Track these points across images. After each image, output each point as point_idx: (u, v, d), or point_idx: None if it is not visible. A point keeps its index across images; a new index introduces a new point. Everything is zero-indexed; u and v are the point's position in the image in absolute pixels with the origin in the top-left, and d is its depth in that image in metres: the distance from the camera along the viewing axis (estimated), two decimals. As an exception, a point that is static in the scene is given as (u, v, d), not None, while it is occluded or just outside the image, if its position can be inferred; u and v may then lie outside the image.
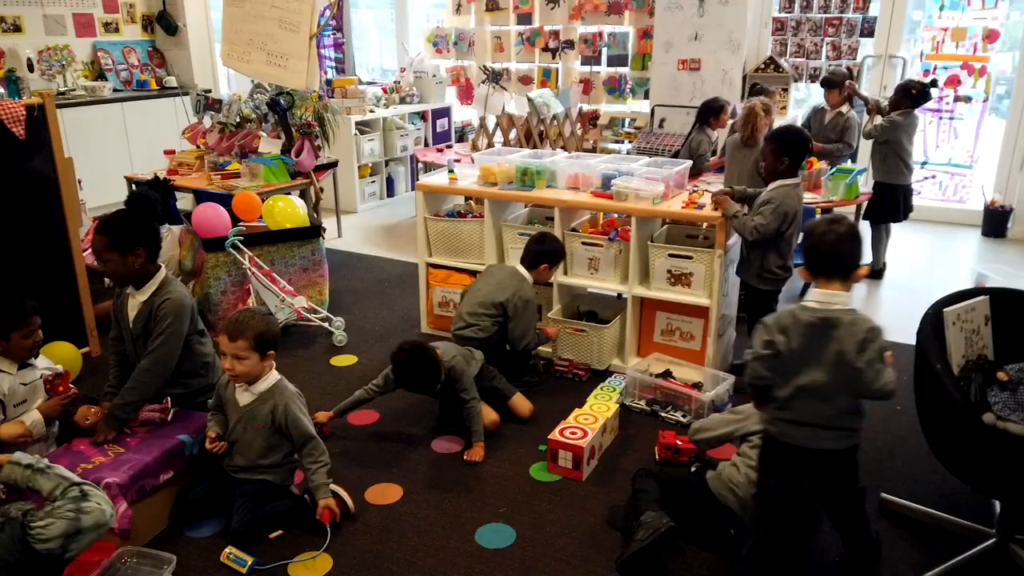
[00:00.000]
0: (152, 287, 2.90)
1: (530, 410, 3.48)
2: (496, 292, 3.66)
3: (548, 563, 2.59)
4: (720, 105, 5.46)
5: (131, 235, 2.81)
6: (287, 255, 4.52)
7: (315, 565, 2.58)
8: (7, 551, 1.79)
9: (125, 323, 2.96)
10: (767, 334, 2.24)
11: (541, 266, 3.73)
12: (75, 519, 1.88)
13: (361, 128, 7.15)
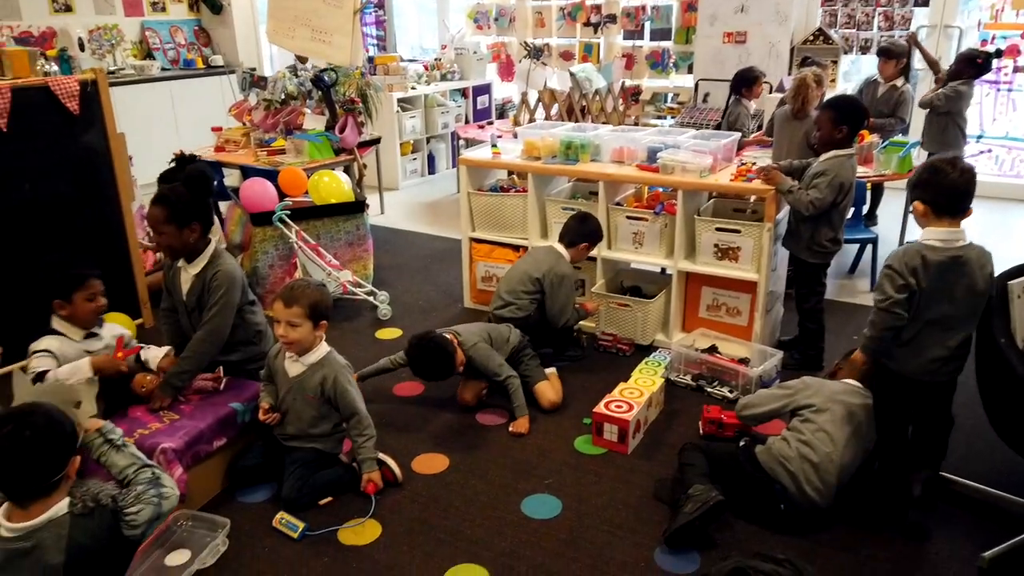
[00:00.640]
0: (204, 260, 2.96)
1: (552, 403, 3.36)
2: (532, 269, 3.66)
3: (595, 534, 2.59)
4: (755, 75, 5.35)
5: (189, 209, 2.87)
6: (332, 230, 4.56)
7: (364, 531, 2.62)
8: (93, 538, 1.81)
9: (178, 295, 3.02)
10: (899, 279, 2.45)
11: (581, 245, 3.70)
12: (158, 504, 1.91)
13: (403, 105, 7.16)
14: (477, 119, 7.74)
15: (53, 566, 1.73)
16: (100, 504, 1.82)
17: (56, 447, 1.77)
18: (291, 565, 2.47)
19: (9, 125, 3.44)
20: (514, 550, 2.52)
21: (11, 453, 1.71)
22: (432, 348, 3.17)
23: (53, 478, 1.77)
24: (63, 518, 1.77)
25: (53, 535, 1.75)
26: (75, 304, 2.78)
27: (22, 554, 1.74)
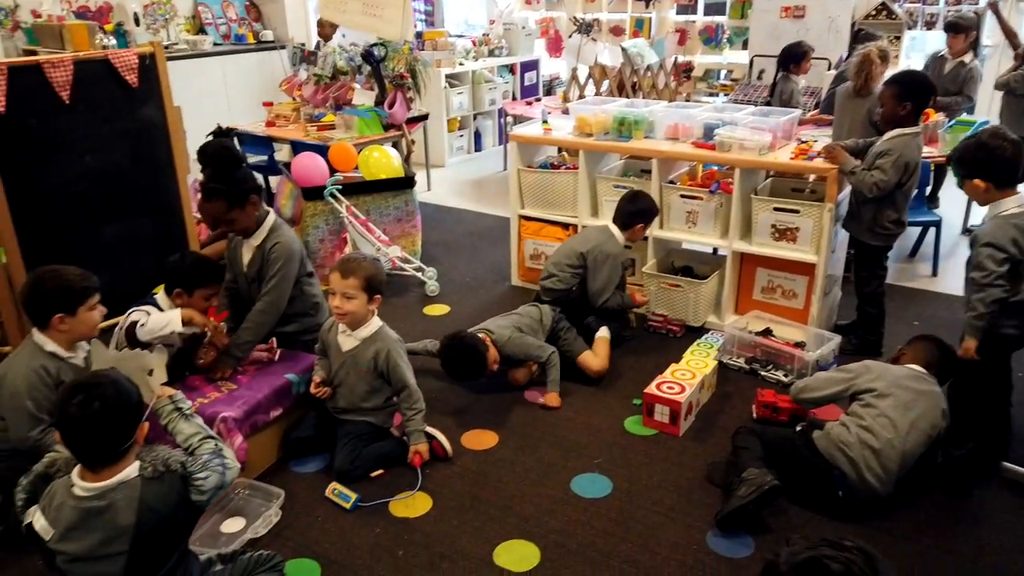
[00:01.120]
0: (264, 232, 3.00)
1: (597, 372, 3.37)
2: (580, 245, 3.63)
3: (645, 515, 2.57)
4: (803, 50, 5.21)
5: (241, 187, 2.90)
6: (382, 205, 4.57)
7: (415, 504, 2.64)
8: (162, 502, 1.84)
9: (239, 268, 3.07)
10: (1000, 253, 2.55)
11: (636, 226, 3.64)
12: (223, 474, 1.94)
13: (450, 81, 7.12)
14: (524, 96, 7.67)
15: (124, 526, 1.77)
16: (169, 469, 1.85)
17: (124, 417, 1.80)
18: (343, 535, 2.50)
19: (71, 97, 3.49)
20: (564, 528, 2.52)
21: (81, 423, 1.76)
22: (463, 348, 3.15)
23: (122, 446, 1.81)
24: (134, 481, 1.81)
25: (125, 496, 1.79)
26: (193, 297, 2.87)
27: (96, 513, 1.78)
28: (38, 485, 1.90)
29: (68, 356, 2.48)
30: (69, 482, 1.82)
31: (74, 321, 2.45)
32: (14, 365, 2.42)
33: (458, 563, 2.37)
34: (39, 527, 1.82)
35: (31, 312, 2.47)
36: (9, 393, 2.38)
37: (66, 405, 1.76)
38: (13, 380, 2.39)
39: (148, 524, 1.79)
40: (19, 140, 3.39)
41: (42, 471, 1.92)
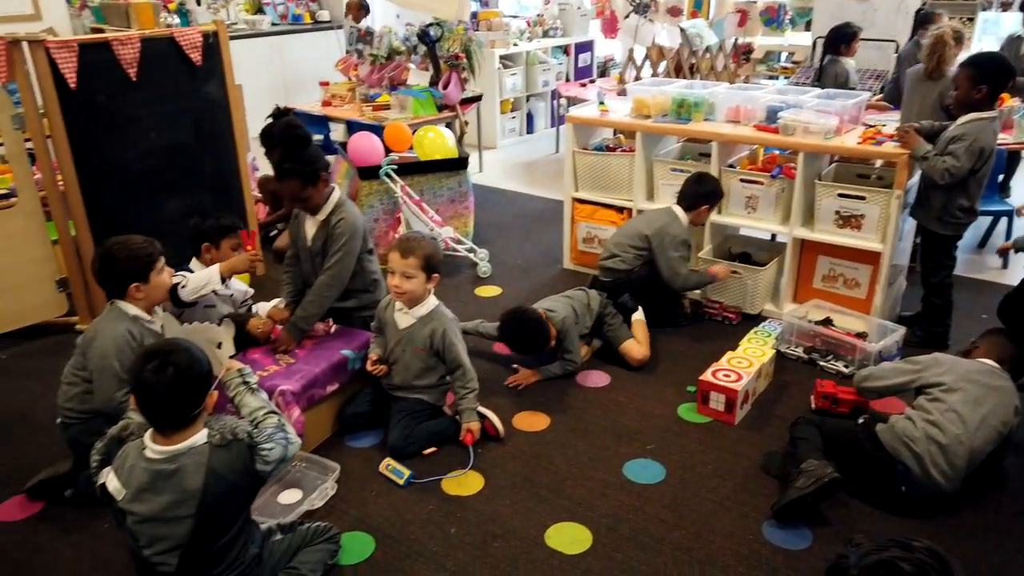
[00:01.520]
0: (329, 207, 3.04)
1: (639, 361, 3.34)
2: (644, 226, 3.58)
3: (699, 502, 2.54)
4: (852, 31, 5.05)
5: (313, 165, 2.93)
6: (435, 185, 4.58)
7: (467, 483, 2.65)
8: (228, 468, 1.88)
9: (303, 242, 3.11)
10: None
11: (701, 208, 3.58)
12: (285, 447, 1.97)
13: (504, 62, 7.08)
14: (578, 77, 7.58)
15: (191, 490, 1.82)
16: (236, 438, 1.89)
17: (195, 383, 1.85)
18: (396, 510, 2.53)
19: (138, 74, 3.57)
20: (616, 512, 2.50)
21: (154, 388, 1.81)
22: (527, 321, 3.17)
23: (192, 412, 1.86)
24: (203, 447, 1.86)
25: (194, 461, 1.84)
26: (221, 249, 2.94)
27: (166, 476, 1.84)
28: (112, 448, 1.96)
29: (148, 321, 2.54)
30: (141, 445, 1.87)
31: (148, 287, 2.52)
32: (101, 328, 2.49)
33: (510, 542, 2.38)
34: (112, 488, 1.87)
35: (106, 286, 2.53)
36: (98, 355, 2.45)
37: (141, 370, 1.82)
38: (102, 343, 2.45)
39: (214, 489, 1.83)
40: (89, 116, 3.48)
41: (116, 434, 1.98)
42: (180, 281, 2.74)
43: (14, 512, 2.54)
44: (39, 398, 3.20)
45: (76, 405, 2.53)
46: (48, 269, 3.65)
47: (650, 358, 3.38)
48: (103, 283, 2.54)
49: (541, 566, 2.29)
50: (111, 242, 2.54)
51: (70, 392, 2.54)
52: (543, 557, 2.32)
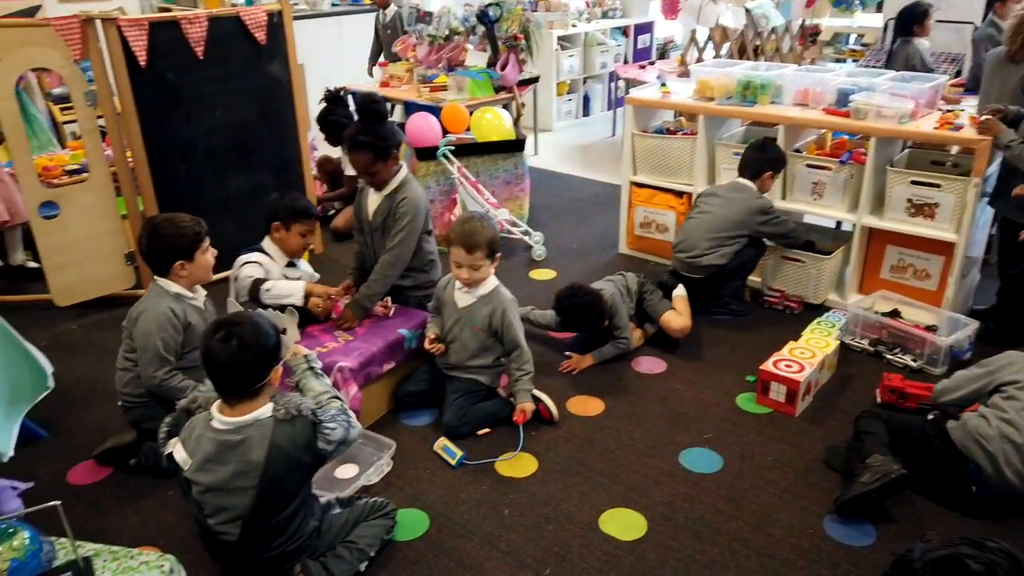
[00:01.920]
0: (394, 184, 3.06)
1: (679, 330, 3.31)
2: (732, 212, 3.45)
3: (758, 494, 2.48)
4: (923, 9, 4.81)
5: (387, 141, 2.96)
6: (492, 167, 4.56)
7: (520, 465, 2.65)
8: (291, 443, 1.88)
9: (365, 215, 3.15)
10: None
11: (765, 174, 3.48)
12: (347, 430, 1.99)
13: (562, 43, 7.00)
14: (637, 59, 7.46)
15: (255, 462, 1.86)
16: (301, 414, 1.92)
17: (260, 356, 1.88)
18: (450, 489, 2.54)
19: (205, 53, 3.63)
20: (672, 501, 2.47)
21: (218, 357, 1.85)
22: (585, 298, 3.17)
23: (257, 384, 1.89)
24: (268, 420, 1.89)
25: (258, 434, 1.87)
26: (291, 232, 2.97)
27: (231, 446, 1.87)
28: (180, 420, 2.01)
29: (191, 298, 2.60)
30: (209, 416, 1.91)
31: (192, 266, 2.57)
32: (144, 308, 2.54)
33: (564, 526, 2.37)
34: (179, 458, 1.92)
35: (152, 262, 2.57)
36: (141, 334, 2.52)
37: (208, 340, 1.86)
38: (144, 322, 2.51)
39: (276, 463, 1.86)
40: (157, 93, 3.56)
41: (185, 406, 2.03)
42: (267, 285, 2.81)
43: (84, 476, 2.64)
44: (107, 367, 3.29)
45: (132, 390, 2.60)
46: (117, 243, 3.76)
47: (707, 346, 3.33)
48: (148, 259, 2.58)
49: (595, 551, 2.27)
50: (158, 219, 2.58)
51: (125, 377, 2.61)
52: (597, 542, 2.31)
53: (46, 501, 1.61)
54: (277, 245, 2.99)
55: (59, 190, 3.60)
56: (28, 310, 3.74)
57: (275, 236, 2.97)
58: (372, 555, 2.19)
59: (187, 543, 2.29)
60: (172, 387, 2.51)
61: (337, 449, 1.97)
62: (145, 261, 2.60)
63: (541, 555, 2.26)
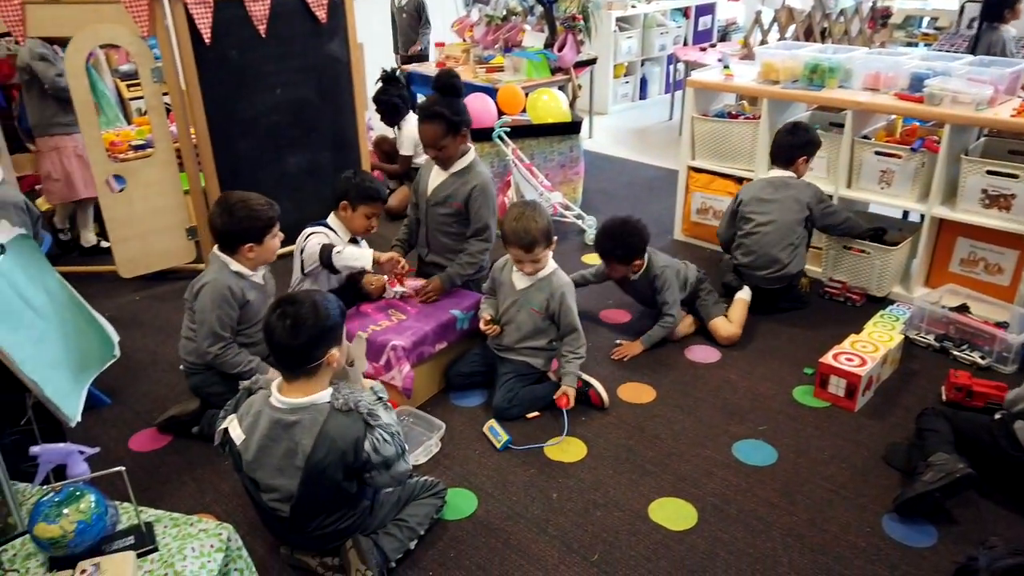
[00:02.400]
0: (462, 163, 3.11)
1: (727, 339, 3.22)
2: (793, 211, 3.31)
3: (813, 489, 2.42)
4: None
5: (460, 118, 3.00)
6: (546, 149, 4.53)
7: (569, 450, 2.63)
8: (340, 435, 1.87)
9: (423, 190, 3.20)
10: None
11: (798, 160, 3.35)
12: (398, 457, 1.96)
13: (621, 25, 6.88)
14: (697, 41, 7.28)
15: (303, 446, 1.89)
16: (357, 409, 1.91)
17: (315, 336, 1.89)
18: (499, 471, 2.54)
19: (267, 31, 3.67)
20: (723, 492, 2.42)
21: (274, 332, 1.88)
22: (629, 223, 3.14)
23: (311, 363, 1.90)
24: (323, 406, 1.91)
25: (311, 418, 1.89)
26: (356, 212, 2.99)
27: (285, 426, 1.90)
28: (242, 399, 2.04)
29: (251, 275, 2.63)
30: (268, 394, 1.94)
31: (260, 249, 2.60)
32: (206, 281, 2.58)
33: (612, 513, 2.35)
34: (233, 433, 1.96)
35: (221, 239, 2.60)
36: (200, 309, 2.56)
37: (269, 314, 1.90)
38: (204, 296, 2.56)
39: (322, 450, 1.87)
40: (220, 71, 3.62)
41: (248, 386, 2.06)
42: (338, 248, 2.84)
43: (145, 443, 2.72)
44: (167, 339, 3.41)
45: (195, 359, 2.66)
46: (179, 217, 3.84)
47: (763, 336, 3.26)
48: (219, 236, 2.59)
49: (644, 539, 2.25)
50: (233, 198, 2.59)
51: (189, 346, 2.67)
52: (646, 530, 2.28)
53: (109, 467, 1.66)
54: (343, 223, 3.01)
55: (125, 164, 3.70)
56: (94, 281, 3.87)
57: (341, 214, 3.00)
58: (422, 533, 2.21)
59: (240, 512, 2.35)
60: (226, 361, 2.56)
61: (381, 468, 1.93)
62: (214, 236, 2.62)
63: (589, 540, 2.24)
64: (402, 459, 1.98)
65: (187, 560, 1.50)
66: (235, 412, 2.02)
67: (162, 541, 1.55)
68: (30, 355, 1.77)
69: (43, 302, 1.96)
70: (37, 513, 1.46)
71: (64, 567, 1.47)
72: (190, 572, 1.47)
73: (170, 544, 1.54)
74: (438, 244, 3.24)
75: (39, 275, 2.00)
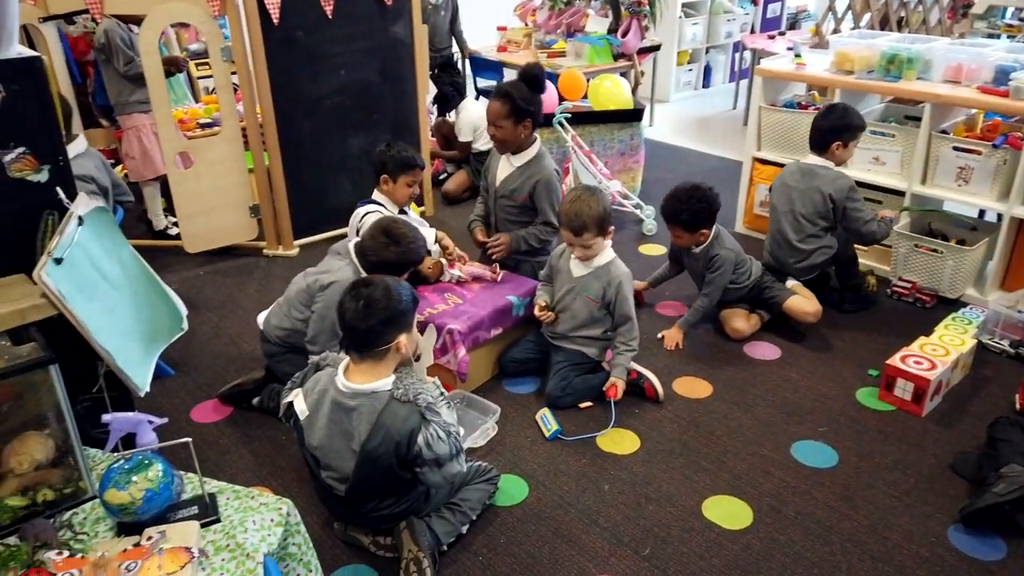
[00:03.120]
0: (528, 155, 3.16)
1: (816, 312, 3.11)
2: (806, 204, 3.21)
3: (875, 495, 2.35)
4: None
5: (527, 106, 3.03)
6: (606, 137, 4.47)
7: (623, 441, 2.61)
8: (396, 425, 1.87)
9: (492, 180, 3.27)
10: None
11: (832, 144, 3.18)
12: (452, 457, 1.94)
13: (686, 10, 6.74)
14: (765, 29, 7.09)
15: (360, 432, 1.91)
16: (415, 401, 1.91)
17: (385, 319, 1.90)
18: (550, 459, 2.53)
19: (334, 12, 3.69)
20: (780, 493, 2.37)
21: (346, 312, 1.90)
22: (700, 188, 3.03)
23: (378, 346, 1.92)
24: (384, 394, 1.92)
25: (370, 406, 1.91)
26: (398, 184, 3.02)
27: (345, 411, 1.93)
28: (309, 374, 2.08)
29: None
30: (334, 374, 1.97)
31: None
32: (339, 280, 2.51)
33: (665, 508, 2.31)
34: (298, 408, 1.99)
35: (374, 267, 2.51)
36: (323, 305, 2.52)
37: (344, 295, 1.94)
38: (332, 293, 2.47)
39: (376, 439, 1.88)
40: (287, 51, 3.66)
41: (316, 362, 2.10)
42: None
43: (206, 415, 2.79)
44: (229, 313, 3.49)
45: (284, 336, 2.68)
46: (243, 195, 3.92)
47: (826, 335, 3.17)
48: (376, 264, 2.51)
49: (697, 536, 2.21)
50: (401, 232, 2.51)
51: (286, 324, 2.66)
52: (699, 527, 2.24)
53: (172, 436, 1.70)
54: (387, 196, 3.04)
55: (192, 142, 3.78)
56: (161, 255, 3.97)
57: (384, 188, 3.02)
58: (474, 518, 2.21)
59: (296, 487, 2.39)
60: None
61: (432, 465, 1.92)
62: (368, 262, 2.55)
63: (640, 534, 2.22)
64: (456, 460, 1.96)
65: (248, 533, 1.53)
66: (301, 386, 2.05)
67: (224, 513, 1.59)
68: (104, 325, 1.82)
69: (117, 274, 2.01)
70: (107, 479, 1.50)
71: (131, 532, 1.52)
72: (251, 545, 1.50)
73: (232, 516, 1.58)
74: (505, 231, 3.28)
75: (114, 247, 2.05)
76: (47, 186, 1.90)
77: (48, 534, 1.52)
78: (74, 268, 1.81)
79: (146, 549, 1.42)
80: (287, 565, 1.63)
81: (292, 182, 3.88)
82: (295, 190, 3.91)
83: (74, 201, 1.93)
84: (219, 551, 1.49)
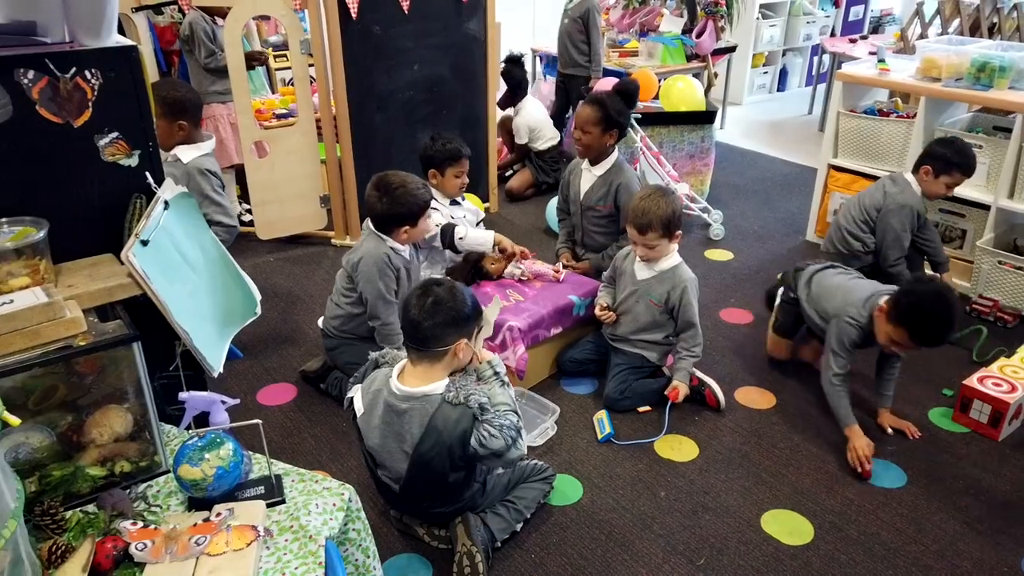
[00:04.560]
0: (608, 164, 3.25)
1: None
2: (851, 208, 3.29)
3: (944, 519, 2.26)
4: None
5: (617, 117, 3.14)
6: (676, 139, 4.41)
7: (681, 448, 2.58)
8: (447, 429, 1.88)
9: (575, 193, 3.35)
10: None
11: (922, 168, 3.09)
12: (508, 448, 1.92)
13: (764, 12, 6.59)
14: (846, 32, 6.88)
15: (412, 435, 1.93)
16: (467, 404, 1.91)
17: (449, 320, 1.92)
18: (606, 462, 2.51)
19: (410, 8, 3.74)
20: (844, 511, 2.30)
21: (411, 309, 1.93)
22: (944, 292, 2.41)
23: (439, 346, 1.93)
24: (436, 398, 1.93)
25: (421, 409, 1.92)
26: (446, 176, 3.06)
27: (398, 413, 1.95)
28: (368, 371, 2.11)
29: (402, 250, 2.71)
30: (389, 374, 1.99)
31: (415, 230, 2.67)
32: (364, 253, 2.64)
33: (722, 518, 2.28)
34: (357, 404, 2.03)
35: (379, 223, 2.64)
36: (364, 279, 2.63)
37: (411, 294, 1.97)
38: (367, 266, 2.62)
39: (428, 442, 1.90)
40: (363, 45, 3.72)
41: (376, 359, 2.13)
42: (460, 233, 2.93)
43: (272, 398, 2.87)
44: (297, 299, 3.58)
45: (338, 325, 2.76)
46: (315, 185, 4.01)
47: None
48: (378, 219, 2.63)
49: (754, 549, 2.17)
50: (393, 182, 2.60)
51: (335, 311, 2.76)
52: (757, 541, 2.20)
53: (240, 417, 1.74)
54: (438, 190, 3.06)
55: (268, 132, 3.88)
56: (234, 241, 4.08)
57: (433, 182, 3.04)
58: (528, 516, 2.22)
59: (355, 474, 2.44)
60: (392, 331, 2.64)
61: (490, 459, 1.93)
62: (373, 218, 2.66)
63: (696, 544, 2.19)
64: (514, 447, 1.94)
65: (311, 515, 1.57)
66: (361, 383, 2.09)
67: (289, 494, 1.63)
68: (184, 306, 1.89)
69: (197, 257, 2.09)
70: (181, 455, 1.56)
71: (201, 508, 1.57)
72: (313, 527, 1.54)
73: (296, 498, 1.62)
74: (594, 243, 3.39)
75: (196, 232, 2.13)
76: (137, 170, 1.98)
77: (124, 504, 1.58)
78: (159, 250, 1.89)
79: (215, 525, 1.47)
80: (346, 549, 1.67)
81: (362, 174, 3.95)
82: (364, 182, 3.95)
83: (161, 186, 2.01)
84: (283, 531, 1.53)
